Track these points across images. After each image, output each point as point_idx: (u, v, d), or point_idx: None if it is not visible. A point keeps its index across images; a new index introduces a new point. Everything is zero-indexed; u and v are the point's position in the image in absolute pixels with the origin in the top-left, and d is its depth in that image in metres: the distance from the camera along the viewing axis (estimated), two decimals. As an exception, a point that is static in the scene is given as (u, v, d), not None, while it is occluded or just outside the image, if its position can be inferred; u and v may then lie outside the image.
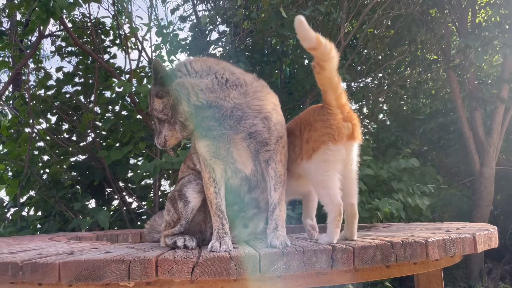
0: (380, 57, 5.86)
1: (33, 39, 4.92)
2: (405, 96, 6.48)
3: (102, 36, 4.66)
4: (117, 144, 4.39)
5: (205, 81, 1.64)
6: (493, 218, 5.74)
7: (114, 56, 4.68)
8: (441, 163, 6.25)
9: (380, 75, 6.08)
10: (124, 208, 4.32)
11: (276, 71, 5.44)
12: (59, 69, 4.58)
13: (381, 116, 6.55)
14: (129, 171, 4.43)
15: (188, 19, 5.05)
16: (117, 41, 4.72)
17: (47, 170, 4.46)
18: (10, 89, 5.46)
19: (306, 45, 1.55)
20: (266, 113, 1.66)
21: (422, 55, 5.95)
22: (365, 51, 5.60)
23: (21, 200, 4.21)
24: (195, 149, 1.76)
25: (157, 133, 1.76)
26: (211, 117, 1.62)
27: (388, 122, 6.47)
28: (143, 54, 4.68)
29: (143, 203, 4.65)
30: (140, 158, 4.70)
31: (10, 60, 5.26)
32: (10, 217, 4.19)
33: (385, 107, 6.50)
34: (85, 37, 4.61)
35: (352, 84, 5.90)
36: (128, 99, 4.29)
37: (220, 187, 1.70)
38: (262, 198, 1.81)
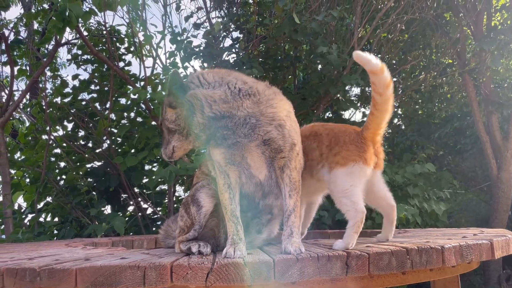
0: (394, 61, 5.83)
1: (50, 47, 5.00)
2: (420, 101, 6.42)
3: (117, 44, 4.72)
4: (132, 151, 4.42)
5: (218, 92, 1.64)
6: (511, 223, 5.65)
7: (129, 64, 4.73)
8: (457, 167, 6.18)
9: (395, 79, 6.04)
10: (139, 214, 4.35)
11: (290, 77, 5.44)
12: (75, 76, 4.64)
13: (396, 120, 6.50)
14: (144, 177, 4.46)
15: (202, 26, 5.08)
16: (132, 49, 4.77)
17: (63, 177, 4.51)
18: (27, 96, 5.55)
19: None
20: (279, 120, 1.66)
21: (437, 59, 5.90)
22: (379, 55, 5.57)
23: (38, 206, 4.27)
24: (210, 156, 1.77)
25: (165, 143, 1.76)
26: (224, 127, 1.63)
27: (403, 127, 6.42)
28: (158, 61, 4.72)
29: (158, 209, 4.67)
30: (155, 164, 4.73)
31: (28, 68, 5.35)
32: (28, 223, 4.24)
33: (400, 112, 6.45)
34: (100, 45, 4.67)
35: (366, 89, 5.87)
36: (143, 106, 4.32)
37: (235, 193, 1.71)
38: (276, 204, 1.82)
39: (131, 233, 4.21)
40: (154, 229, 4.31)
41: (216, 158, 1.70)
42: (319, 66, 4.82)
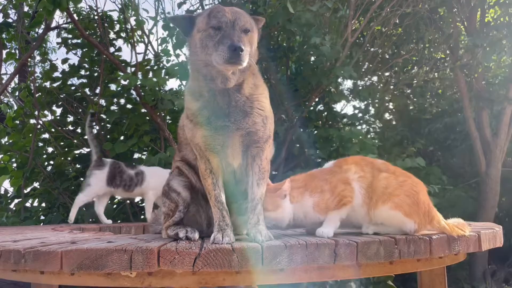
0: (387, 55, 5.83)
1: (40, 31, 4.92)
2: (411, 95, 6.43)
3: (108, 29, 4.65)
4: (122, 137, 4.38)
5: None
6: (498, 219, 5.70)
7: (120, 49, 4.66)
8: (446, 163, 6.20)
9: (387, 73, 6.04)
10: (128, 201, 4.32)
11: (282, 67, 5.41)
12: (64, 61, 4.57)
13: (387, 115, 6.52)
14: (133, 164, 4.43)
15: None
16: (123, 34, 4.70)
17: (51, 162, 4.46)
18: (16, 80, 5.47)
19: None
20: (267, 112, 1.70)
21: (429, 54, 5.90)
22: (372, 49, 5.57)
23: (25, 191, 4.22)
24: (187, 140, 1.77)
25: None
26: (227, 101, 1.62)
27: (394, 122, 6.43)
28: (149, 47, 4.67)
29: (147, 196, 4.64)
30: (144, 152, 4.70)
31: (17, 52, 5.27)
32: (14, 208, 4.20)
33: (391, 106, 6.46)
34: (91, 30, 4.60)
35: (358, 82, 5.86)
36: (134, 92, 4.28)
37: (218, 177, 1.71)
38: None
39: (119, 221, 4.18)
40: (142, 217, 4.29)
41: (196, 141, 1.68)
42: (312, 57, 4.80)
